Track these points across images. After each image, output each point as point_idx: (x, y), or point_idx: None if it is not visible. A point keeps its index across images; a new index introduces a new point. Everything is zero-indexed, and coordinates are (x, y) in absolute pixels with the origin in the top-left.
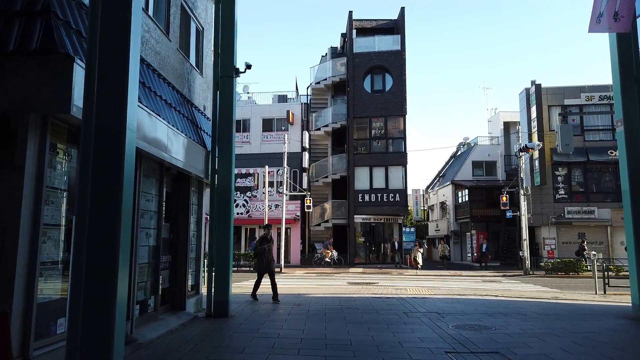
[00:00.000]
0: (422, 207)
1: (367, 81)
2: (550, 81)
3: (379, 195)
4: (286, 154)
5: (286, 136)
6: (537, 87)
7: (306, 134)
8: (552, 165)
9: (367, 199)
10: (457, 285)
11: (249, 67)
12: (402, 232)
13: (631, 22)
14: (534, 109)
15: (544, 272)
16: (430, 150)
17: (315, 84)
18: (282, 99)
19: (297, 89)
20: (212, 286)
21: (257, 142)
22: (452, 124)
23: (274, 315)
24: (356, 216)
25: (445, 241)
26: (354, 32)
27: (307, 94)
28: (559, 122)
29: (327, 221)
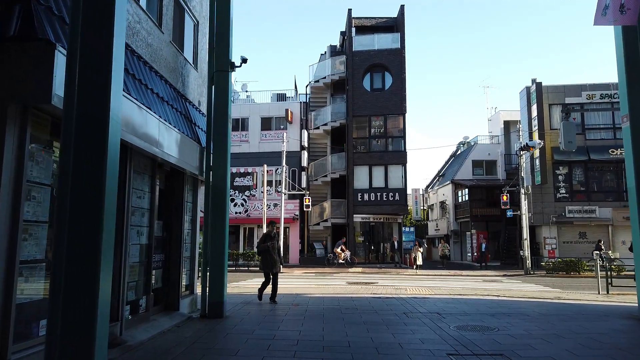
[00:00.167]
0: (421, 207)
1: (367, 79)
2: (551, 81)
3: (379, 194)
4: (285, 153)
5: (285, 135)
6: (538, 85)
7: (305, 133)
8: (552, 164)
9: (366, 198)
10: (458, 285)
11: (244, 61)
12: (402, 232)
13: (637, 14)
14: (534, 108)
15: (545, 272)
16: (430, 149)
17: (314, 82)
18: (280, 97)
19: (296, 88)
20: (207, 286)
21: (255, 141)
22: (452, 124)
23: (270, 316)
24: (355, 215)
25: (445, 240)
26: (354, 30)
27: (306, 92)
28: (561, 119)
29: (326, 220)
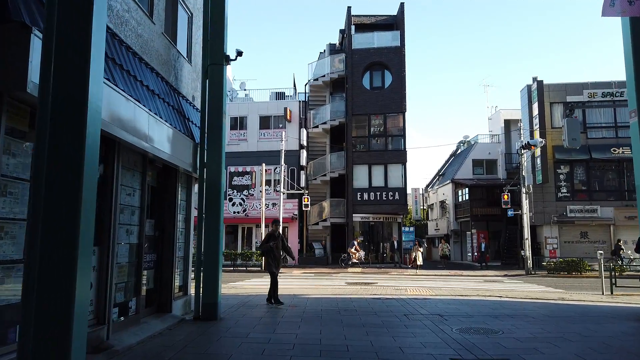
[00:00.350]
0: (421, 206)
1: (366, 78)
2: (551, 81)
3: (378, 193)
4: (284, 152)
5: (284, 134)
6: (539, 83)
7: (304, 132)
8: (554, 163)
9: (365, 197)
10: (459, 285)
11: (240, 54)
12: (402, 232)
13: None
14: (535, 106)
15: (546, 272)
16: (429, 148)
17: (313, 80)
18: (279, 96)
19: (294, 86)
20: (201, 287)
21: (254, 140)
22: (452, 123)
23: (266, 317)
24: (355, 215)
25: (445, 240)
26: (353, 28)
27: (305, 91)
28: (565, 116)
29: (325, 220)
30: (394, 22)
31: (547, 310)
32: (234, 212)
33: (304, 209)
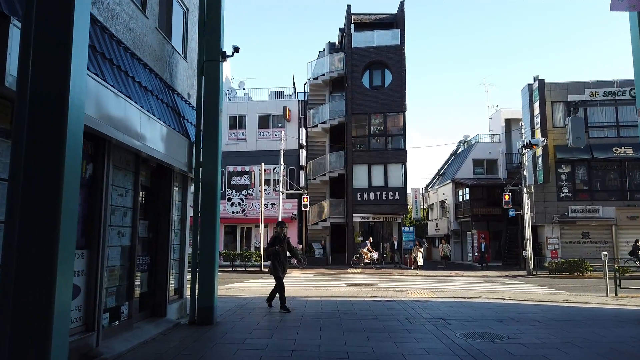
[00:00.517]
0: (421, 206)
1: (366, 77)
2: (551, 80)
3: (378, 193)
4: (283, 152)
5: (283, 133)
6: (540, 82)
7: (303, 131)
8: (555, 162)
9: (365, 197)
10: (460, 286)
11: (236, 50)
12: (402, 232)
13: None
14: (537, 105)
15: (548, 273)
16: (430, 147)
17: (312, 79)
18: (278, 95)
19: (294, 85)
20: (196, 290)
21: (253, 139)
22: (452, 123)
23: (264, 322)
24: (355, 215)
25: (445, 240)
26: (353, 26)
27: (305, 90)
28: (569, 115)
29: (324, 220)
30: (394, 21)
31: (552, 313)
32: (233, 212)
33: (303, 209)
